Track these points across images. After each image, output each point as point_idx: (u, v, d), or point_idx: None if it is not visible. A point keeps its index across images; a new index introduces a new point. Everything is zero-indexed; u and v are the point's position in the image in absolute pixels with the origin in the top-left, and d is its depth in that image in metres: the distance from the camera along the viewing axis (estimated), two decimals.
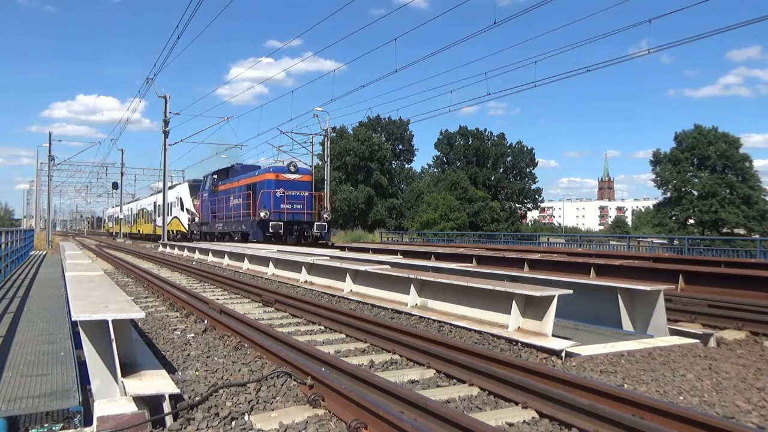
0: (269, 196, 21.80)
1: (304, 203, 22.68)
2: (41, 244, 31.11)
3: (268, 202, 21.65)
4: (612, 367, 4.48)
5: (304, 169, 24.27)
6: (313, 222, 22.40)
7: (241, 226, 23.54)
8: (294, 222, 22.13)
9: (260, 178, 22.81)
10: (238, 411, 3.48)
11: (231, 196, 25.37)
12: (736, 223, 52.84)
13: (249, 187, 23.29)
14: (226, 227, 25.56)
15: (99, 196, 73.33)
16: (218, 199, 26.96)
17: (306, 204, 22.70)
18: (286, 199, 22.10)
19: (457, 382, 4.18)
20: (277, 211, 21.61)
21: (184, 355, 5.07)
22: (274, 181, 22.16)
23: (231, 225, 24.89)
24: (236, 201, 24.51)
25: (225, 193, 26.29)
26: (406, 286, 7.58)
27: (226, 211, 25.77)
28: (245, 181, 24.12)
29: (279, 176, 22.31)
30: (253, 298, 9.03)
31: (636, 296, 5.92)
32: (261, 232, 21.36)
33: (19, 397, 3.29)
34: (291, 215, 22.14)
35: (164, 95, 29.72)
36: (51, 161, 40.59)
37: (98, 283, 5.75)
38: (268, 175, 22.56)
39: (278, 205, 21.75)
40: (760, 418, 3.44)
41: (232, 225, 24.65)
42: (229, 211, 25.33)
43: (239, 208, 23.97)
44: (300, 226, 22.22)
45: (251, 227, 22.15)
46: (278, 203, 21.82)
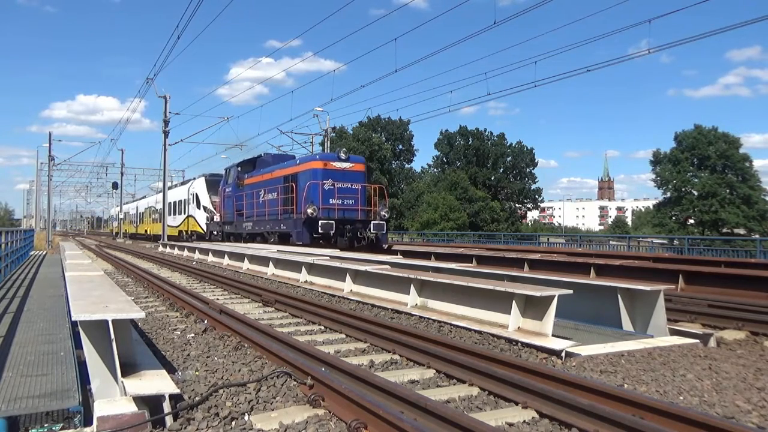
0: (317, 189, 17.48)
1: (357, 198, 18.33)
2: (41, 244, 31.12)
3: (316, 196, 17.37)
4: (612, 367, 4.48)
5: (356, 157, 19.51)
6: (369, 221, 18.07)
7: (278, 226, 19.17)
8: (345, 221, 17.67)
9: (304, 167, 18.59)
10: (238, 411, 3.48)
11: (262, 190, 21.14)
12: (736, 223, 52.86)
13: (288, 179, 19.14)
14: (257, 227, 21.18)
15: (99, 196, 73.51)
16: (245, 194, 22.54)
17: (360, 199, 18.41)
18: (337, 193, 17.78)
19: (457, 382, 4.18)
20: (325, 207, 17.37)
21: (184, 355, 5.07)
22: (322, 170, 17.85)
23: (264, 224, 20.52)
24: (270, 196, 20.29)
25: (253, 187, 22.12)
26: (406, 286, 7.58)
27: (256, 207, 21.41)
28: (282, 172, 19.94)
29: (327, 165, 18.00)
30: (253, 298, 9.02)
31: (636, 296, 5.92)
32: (307, 233, 17.10)
33: (19, 397, 3.29)
34: (342, 212, 17.77)
35: (164, 95, 29.76)
36: (51, 161, 40.65)
37: (98, 283, 5.75)
38: (315, 163, 18.25)
39: (327, 200, 17.56)
40: (760, 418, 3.44)
41: (266, 224, 20.31)
42: (261, 208, 21.00)
43: (274, 204, 19.73)
44: (353, 225, 17.81)
45: (294, 227, 17.85)
46: (327, 198, 17.61)
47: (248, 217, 22.23)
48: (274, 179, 20.38)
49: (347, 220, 17.80)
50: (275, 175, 20.45)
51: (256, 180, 22.11)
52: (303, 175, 18.36)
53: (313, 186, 17.58)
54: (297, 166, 19.23)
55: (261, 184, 21.45)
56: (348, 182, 18.22)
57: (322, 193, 17.54)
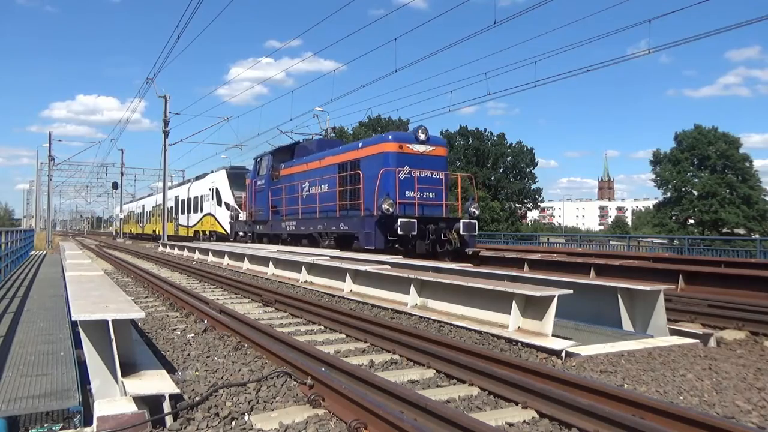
0: (392, 179, 13.40)
1: (440, 189, 14.19)
2: (41, 244, 31.13)
3: (391, 187, 13.30)
4: (612, 367, 4.48)
5: (437, 138, 14.87)
6: (455, 219, 14.03)
7: (336, 226, 15.08)
8: (427, 219, 13.46)
9: (372, 150, 14.43)
10: (238, 411, 3.48)
11: (306, 182, 17.26)
12: (736, 223, 52.87)
13: (346, 167, 15.19)
14: (303, 227, 17.08)
15: (99, 196, 73.51)
16: (283, 187, 18.61)
17: (444, 191, 14.33)
18: (417, 183, 13.72)
19: (457, 382, 4.18)
20: (402, 202, 13.43)
21: (184, 355, 5.07)
22: (396, 155, 13.68)
23: (313, 224, 16.43)
24: (319, 188, 16.38)
25: (293, 178, 18.22)
26: (406, 286, 7.58)
27: (301, 203, 17.32)
28: (336, 159, 15.92)
29: (404, 147, 13.81)
30: (253, 298, 9.02)
31: (636, 296, 5.92)
32: (381, 236, 13.04)
33: (19, 397, 3.29)
34: (422, 208, 13.76)
35: (164, 95, 29.78)
36: (51, 161, 40.66)
37: (98, 283, 5.75)
38: (388, 145, 13.92)
39: (403, 193, 13.48)
40: (760, 418, 3.44)
41: (316, 223, 16.22)
42: (308, 204, 16.90)
43: (328, 199, 15.71)
44: (436, 225, 13.48)
45: (361, 227, 13.72)
46: (403, 189, 13.51)
47: (289, 214, 18.20)
48: (325, 168, 16.30)
49: (429, 218, 13.55)
50: (326, 163, 16.35)
51: (298, 170, 18.11)
52: (370, 161, 14.22)
53: (388, 175, 13.35)
54: (360, 150, 14.98)
55: (305, 175, 17.49)
56: (428, 169, 13.99)
57: (399, 184, 13.40)
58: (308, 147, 19.31)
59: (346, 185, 15.04)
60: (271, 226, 19.65)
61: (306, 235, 17.11)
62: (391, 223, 12.73)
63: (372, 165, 14.03)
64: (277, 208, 19.32)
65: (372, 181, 13.58)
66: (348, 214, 14.82)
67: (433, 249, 13.41)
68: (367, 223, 13.45)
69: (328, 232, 15.71)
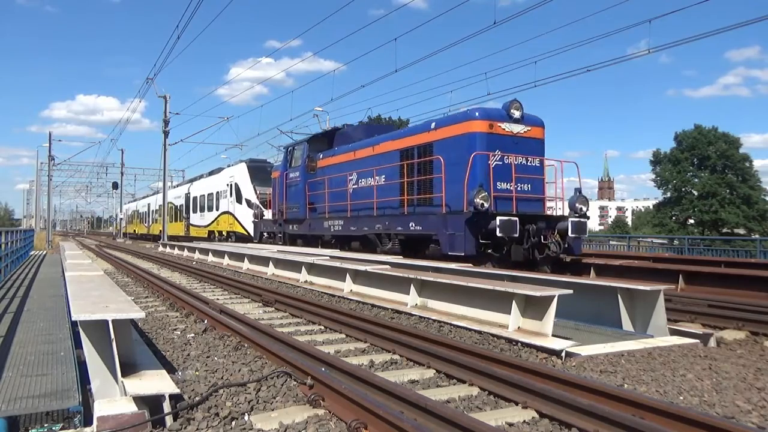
0: (483, 166, 10.57)
1: (539, 180, 11.39)
2: (41, 244, 31.14)
3: (484, 177, 10.47)
4: (612, 367, 4.49)
5: (532, 117, 11.63)
6: (561, 217, 10.99)
7: (405, 226, 11.92)
8: (526, 217, 10.43)
9: (453, 131, 11.21)
10: (238, 411, 3.48)
11: (355, 173, 14.36)
12: (736, 223, 52.87)
13: (414, 153, 12.11)
14: (354, 226, 14.03)
15: (99, 196, 73.57)
16: (324, 180, 15.59)
17: (543, 183, 11.50)
18: (514, 173, 10.83)
19: (457, 382, 4.18)
20: (495, 195, 10.55)
21: (184, 355, 5.07)
22: (486, 136, 10.72)
23: (368, 223, 13.36)
24: (375, 181, 13.44)
25: (336, 169, 15.30)
26: (406, 286, 7.58)
27: (351, 198, 14.32)
28: (398, 144, 12.79)
29: (494, 127, 10.83)
30: (253, 298, 9.03)
31: (636, 296, 5.92)
32: (472, 238, 10.10)
33: (19, 397, 3.29)
34: (519, 203, 10.81)
35: (164, 95, 29.79)
36: (51, 161, 40.68)
37: (98, 283, 5.75)
38: (475, 124, 10.79)
39: (495, 185, 10.67)
40: (760, 418, 3.44)
41: (373, 223, 13.14)
42: (359, 199, 13.99)
43: (388, 193, 12.87)
44: (536, 225, 10.53)
45: (442, 227, 10.69)
46: (495, 180, 10.70)
47: (334, 212, 15.14)
48: (381, 156, 13.32)
49: (528, 216, 10.47)
50: (382, 150, 13.32)
51: (342, 159, 15.19)
52: (450, 145, 11.10)
53: (481, 161, 10.40)
54: (433, 131, 11.77)
55: (352, 165, 14.55)
56: (523, 154, 11.03)
57: (493, 174, 10.55)
58: (351, 133, 16.46)
59: (413, 175, 12.07)
60: (308, 225, 16.56)
61: (358, 236, 13.96)
62: (485, 223, 9.81)
63: (453, 149, 10.98)
64: (316, 204, 16.37)
65: (456, 169, 10.57)
66: (419, 211, 11.76)
67: (530, 255, 10.40)
68: (452, 223, 10.37)
69: (390, 234, 12.55)
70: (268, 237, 20.18)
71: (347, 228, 14.43)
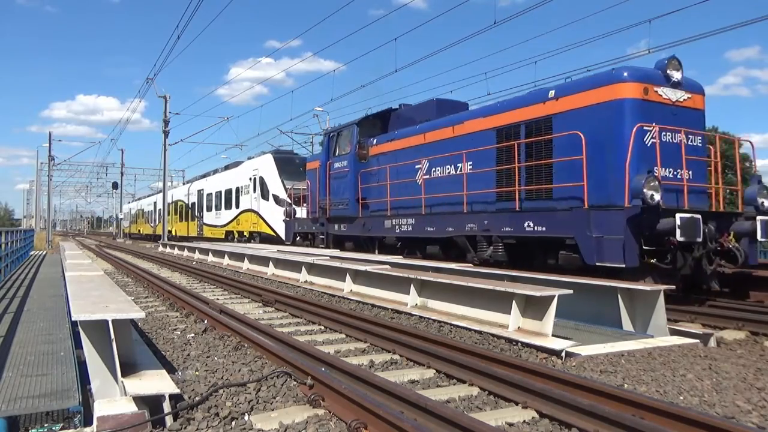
0: (641, 144, 7.69)
1: (703, 165, 8.62)
2: (41, 244, 31.15)
3: (646, 159, 7.61)
4: (612, 367, 4.49)
5: (690, 81, 8.53)
6: (735, 214, 8.30)
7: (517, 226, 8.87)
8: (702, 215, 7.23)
9: (588, 98, 8.24)
10: (238, 411, 3.48)
11: (425, 160, 11.48)
12: None
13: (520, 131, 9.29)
14: (431, 226, 10.99)
15: (99, 196, 73.64)
16: (386, 169, 12.50)
17: (712, 168, 8.81)
18: (684, 155, 7.97)
19: (457, 382, 4.18)
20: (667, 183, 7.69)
21: (184, 355, 5.07)
22: (641, 104, 7.83)
23: (455, 222, 10.31)
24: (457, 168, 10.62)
25: (398, 156, 12.32)
26: (406, 286, 7.58)
27: (427, 191, 11.32)
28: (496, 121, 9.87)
29: (650, 92, 7.90)
30: (253, 298, 9.03)
31: (636, 296, 5.92)
32: (634, 244, 7.12)
33: (19, 397, 3.29)
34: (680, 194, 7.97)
35: (164, 95, 29.84)
36: (51, 161, 40.68)
37: (98, 283, 5.75)
38: (624, 88, 7.80)
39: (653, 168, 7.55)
40: (760, 418, 3.44)
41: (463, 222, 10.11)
42: (437, 192, 11.05)
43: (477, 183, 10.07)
44: (706, 225, 7.33)
45: (584, 227, 7.60)
46: (653, 164, 7.60)
47: (399, 208, 12.11)
48: (466, 137, 10.34)
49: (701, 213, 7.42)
50: (469, 130, 10.35)
51: (404, 145, 12.28)
52: (583, 118, 8.21)
53: (639, 137, 7.66)
54: (552, 102, 8.81)
55: (421, 151, 11.60)
56: (683, 126, 8.08)
57: (654, 155, 7.68)
58: (410, 114, 13.40)
59: (518, 160, 8.98)
60: (362, 225, 13.36)
61: (439, 239, 10.70)
62: (652, 222, 7.14)
63: (587, 124, 8.02)
64: (369, 199, 13.35)
65: (596, 149, 7.78)
66: (531, 206, 8.81)
67: (697, 268, 7.40)
68: (603, 222, 7.42)
69: (491, 236, 9.31)
70: (303, 239, 16.90)
71: (421, 228, 11.19)
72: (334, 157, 14.93)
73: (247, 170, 24.75)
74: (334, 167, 14.85)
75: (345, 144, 14.55)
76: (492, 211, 9.62)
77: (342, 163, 14.50)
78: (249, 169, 24.46)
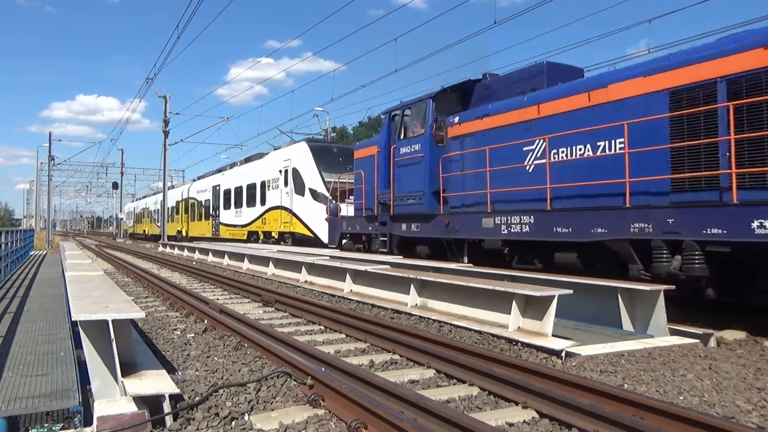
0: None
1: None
2: (41, 244, 31.17)
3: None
4: (612, 367, 4.49)
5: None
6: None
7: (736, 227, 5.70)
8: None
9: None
10: (238, 411, 3.48)
11: (540, 140, 8.63)
12: None
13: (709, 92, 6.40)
14: (562, 226, 7.85)
15: (99, 196, 73.66)
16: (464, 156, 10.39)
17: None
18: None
19: (457, 382, 4.18)
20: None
21: (184, 355, 5.07)
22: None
23: (607, 221, 7.22)
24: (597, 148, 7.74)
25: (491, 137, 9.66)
26: (406, 286, 7.58)
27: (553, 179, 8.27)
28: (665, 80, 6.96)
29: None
30: (253, 298, 9.03)
31: (636, 296, 5.92)
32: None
33: (19, 397, 3.29)
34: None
35: (164, 95, 29.85)
36: (51, 161, 40.68)
37: (98, 283, 5.75)
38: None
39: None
40: (760, 418, 3.44)
41: (619, 220, 7.02)
42: (561, 176, 8.22)
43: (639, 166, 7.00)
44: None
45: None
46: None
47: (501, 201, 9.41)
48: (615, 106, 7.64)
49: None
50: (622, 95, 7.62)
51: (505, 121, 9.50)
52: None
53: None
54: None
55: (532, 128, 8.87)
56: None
57: None
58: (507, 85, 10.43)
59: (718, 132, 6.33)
60: (445, 225, 10.25)
61: (579, 244, 7.76)
62: None
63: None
64: (452, 192, 10.48)
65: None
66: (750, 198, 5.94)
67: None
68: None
69: (682, 241, 6.33)
70: (354, 241, 13.80)
71: (545, 229, 8.15)
72: (399, 140, 11.99)
73: (275, 161, 21.40)
74: (399, 153, 11.90)
75: (415, 124, 11.72)
76: (677, 204, 6.62)
77: (412, 147, 11.56)
78: (278, 160, 21.03)
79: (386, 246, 12.05)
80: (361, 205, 13.29)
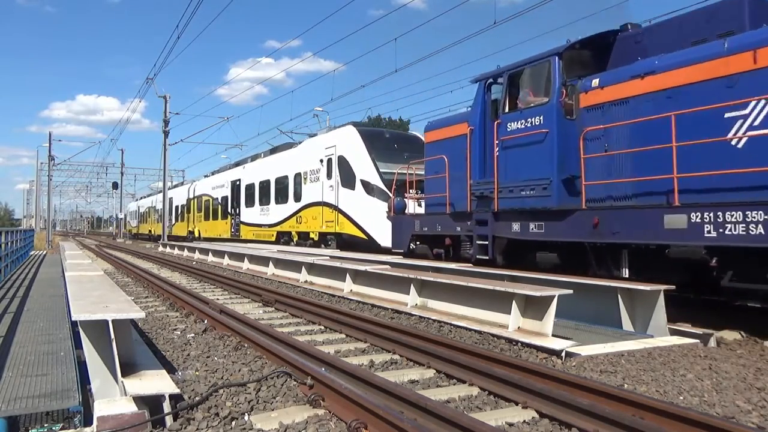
0: None
1: None
2: (41, 244, 31.16)
3: None
4: (612, 367, 4.49)
5: None
6: None
7: None
8: None
9: None
10: (238, 411, 3.48)
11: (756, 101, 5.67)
12: None
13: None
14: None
15: (99, 196, 73.64)
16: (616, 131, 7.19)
17: None
18: None
19: (457, 382, 4.18)
20: None
21: (184, 355, 5.07)
22: None
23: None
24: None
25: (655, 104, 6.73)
26: (406, 286, 7.58)
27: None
28: None
29: None
30: (253, 298, 9.03)
31: (636, 296, 5.92)
32: None
33: (19, 397, 3.29)
34: None
35: (164, 95, 29.86)
36: (51, 161, 40.68)
37: (98, 283, 5.75)
38: None
39: None
40: (760, 418, 3.44)
41: None
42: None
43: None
44: None
45: None
46: None
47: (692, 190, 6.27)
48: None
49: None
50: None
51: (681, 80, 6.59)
52: None
53: None
54: None
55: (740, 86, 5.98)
56: None
57: None
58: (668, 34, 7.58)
59: None
60: (592, 224, 7.20)
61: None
62: None
63: None
64: (599, 180, 7.43)
65: None
66: None
67: None
68: None
69: None
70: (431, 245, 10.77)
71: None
72: (505, 114, 8.98)
73: (314, 150, 17.85)
74: (506, 130, 8.93)
75: (531, 91, 8.77)
76: None
77: (529, 120, 8.60)
78: (319, 148, 17.51)
79: (487, 251, 9.03)
80: (441, 199, 10.22)
